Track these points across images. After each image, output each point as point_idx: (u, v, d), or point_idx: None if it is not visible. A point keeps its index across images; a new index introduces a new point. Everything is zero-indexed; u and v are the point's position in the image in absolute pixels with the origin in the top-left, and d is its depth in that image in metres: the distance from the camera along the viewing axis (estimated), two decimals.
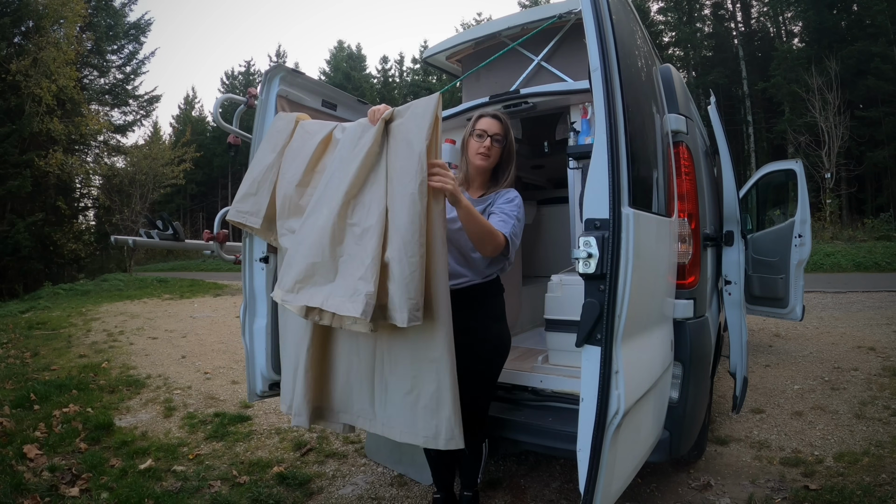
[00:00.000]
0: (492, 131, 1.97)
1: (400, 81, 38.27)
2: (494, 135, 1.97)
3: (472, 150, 2.00)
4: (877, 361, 4.54)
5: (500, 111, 2.05)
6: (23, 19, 17.15)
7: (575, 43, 2.96)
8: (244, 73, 39.91)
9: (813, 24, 21.34)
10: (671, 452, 1.97)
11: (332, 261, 1.80)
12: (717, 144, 2.97)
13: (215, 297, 11.88)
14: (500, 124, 1.98)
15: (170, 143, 25.11)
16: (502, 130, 1.98)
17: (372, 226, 1.75)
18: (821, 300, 8.13)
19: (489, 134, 1.97)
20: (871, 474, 2.49)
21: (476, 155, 1.98)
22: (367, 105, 2.99)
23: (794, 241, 4.43)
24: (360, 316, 1.65)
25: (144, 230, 8.94)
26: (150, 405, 3.97)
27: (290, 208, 2.04)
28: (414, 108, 1.78)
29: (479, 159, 1.98)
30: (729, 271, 2.68)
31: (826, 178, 17.23)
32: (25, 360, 5.45)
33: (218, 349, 6.01)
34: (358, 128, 1.94)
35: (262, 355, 2.47)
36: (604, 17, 1.41)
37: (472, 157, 2.00)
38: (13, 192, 16.54)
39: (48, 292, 12.77)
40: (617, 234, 1.34)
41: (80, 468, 2.77)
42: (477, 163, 1.99)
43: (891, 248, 13.35)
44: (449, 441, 1.77)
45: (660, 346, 1.82)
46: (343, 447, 3.07)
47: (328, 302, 1.75)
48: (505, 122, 2.00)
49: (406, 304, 1.65)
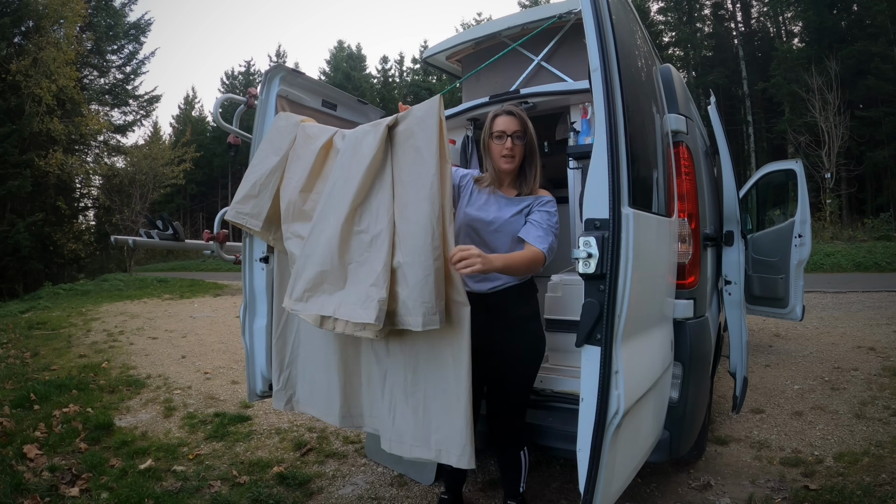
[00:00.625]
0: (511, 130, 1.90)
1: (400, 81, 38.26)
2: (514, 133, 1.90)
3: (495, 153, 1.94)
4: (877, 361, 4.54)
5: (514, 106, 1.97)
6: (23, 19, 17.16)
7: (575, 43, 2.96)
8: (244, 73, 39.89)
9: (813, 24, 21.33)
10: (671, 452, 1.97)
11: (340, 268, 1.81)
12: (717, 144, 2.97)
13: (215, 297, 11.88)
14: (517, 120, 1.92)
15: (170, 143, 25.12)
16: (521, 126, 1.92)
17: (382, 231, 1.75)
18: (821, 300, 8.13)
19: (508, 133, 1.90)
20: (871, 474, 2.49)
21: (500, 158, 1.93)
22: (367, 105, 3.00)
23: (794, 241, 4.43)
24: (373, 322, 1.65)
25: (144, 230, 8.95)
26: (150, 405, 3.97)
27: (295, 213, 2.05)
28: (415, 112, 1.78)
29: (504, 163, 1.93)
30: (729, 271, 2.68)
31: (826, 178, 17.23)
32: (25, 360, 5.45)
33: (218, 349, 6.01)
34: (357, 135, 1.94)
35: (262, 355, 2.47)
36: (604, 17, 1.41)
37: (497, 160, 1.94)
38: (13, 192, 16.55)
39: (48, 292, 12.78)
40: (617, 234, 1.34)
41: (80, 468, 2.76)
42: (503, 167, 1.94)
43: (891, 248, 13.34)
44: (460, 458, 1.76)
45: (660, 346, 1.82)
46: (343, 447, 3.07)
47: (340, 310, 1.76)
48: (521, 117, 1.93)
49: (420, 307, 1.64)
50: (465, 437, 1.75)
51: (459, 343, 1.76)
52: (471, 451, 1.76)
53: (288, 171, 2.12)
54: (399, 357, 1.91)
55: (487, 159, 2.01)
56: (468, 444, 1.75)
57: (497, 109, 1.98)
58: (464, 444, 1.76)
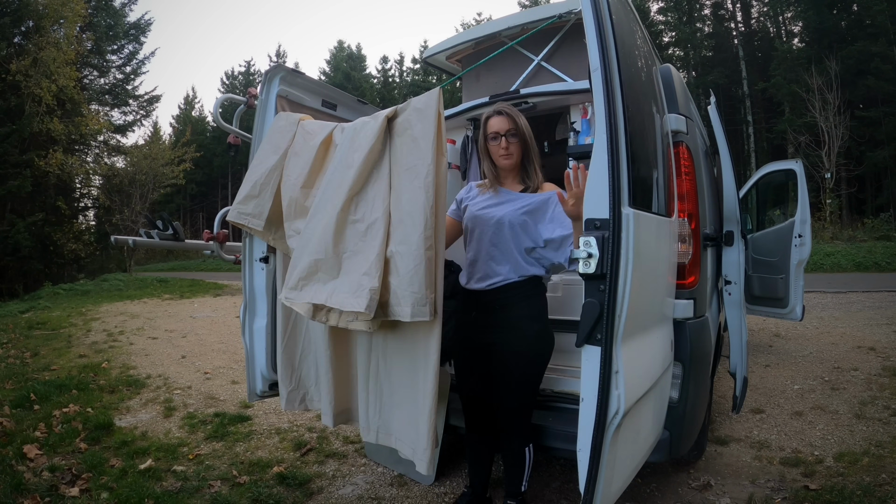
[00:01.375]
0: (504, 129, 1.97)
1: (400, 81, 38.27)
2: (507, 131, 1.96)
3: (494, 153, 2.01)
4: (877, 361, 4.54)
5: (503, 106, 2.02)
6: (23, 19, 17.15)
7: (575, 43, 2.96)
8: (244, 73, 39.91)
9: (813, 24, 21.33)
10: (671, 452, 1.97)
11: (335, 257, 1.81)
12: (717, 144, 2.97)
13: (215, 297, 11.88)
14: (507, 119, 1.97)
15: (170, 143, 25.12)
16: (512, 124, 1.97)
17: (377, 219, 1.75)
18: (821, 300, 8.13)
19: (502, 133, 1.97)
20: (871, 474, 2.49)
21: (499, 157, 2.00)
22: (367, 105, 3.00)
23: (794, 241, 4.43)
24: (364, 311, 1.65)
25: (144, 230, 8.91)
26: (150, 405, 3.96)
27: (297, 210, 2.05)
28: (414, 104, 1.78)
29: (503, 160, 2.00)
30: (729, 271, 2.67)
31: (826, 178, 17.23)
32: (25, 360, 5.45)
33: (218, 349, 6.01)
34: (356, 126, 1.95)
35: (262, 355, 2.47)
36: (604, 17, 1.41)
37: (497, 159, 2.02)
38: (13, 192, 16.55)
39: (48, 292, 12.78)
40: (617, 234, 1.34)
41: (80, 468, 2.76)
42: (503, 164, 2.02)
43: (891, 248, 13.35)
44: (421, 462, 1.77)
45: (660, 346, 1.82)
46: (343, 447, 3.07)
47: (332, 298, 1.75)
48: (511, 114, 1.98)
49: (410, 297, 1.64)
50: (428, 440, 1.76)
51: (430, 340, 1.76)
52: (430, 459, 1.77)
53: (287, 169, 2.12)
54: (387, 350, 1.91)
55: (486, 160, 2.06)
56: (429, 447, 1.76)
57: (489, 111, 2.02)
58: (424, 446, 1.77)
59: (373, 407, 1.97)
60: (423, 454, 1.78)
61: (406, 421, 1.86)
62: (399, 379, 1.90)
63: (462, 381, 2.12)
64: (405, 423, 1.87)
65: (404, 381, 1.87)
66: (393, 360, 1.91)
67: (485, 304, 1.96)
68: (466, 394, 2.12)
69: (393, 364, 1.91)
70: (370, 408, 1.98)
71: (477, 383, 2.06)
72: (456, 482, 2.59)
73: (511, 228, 1.93)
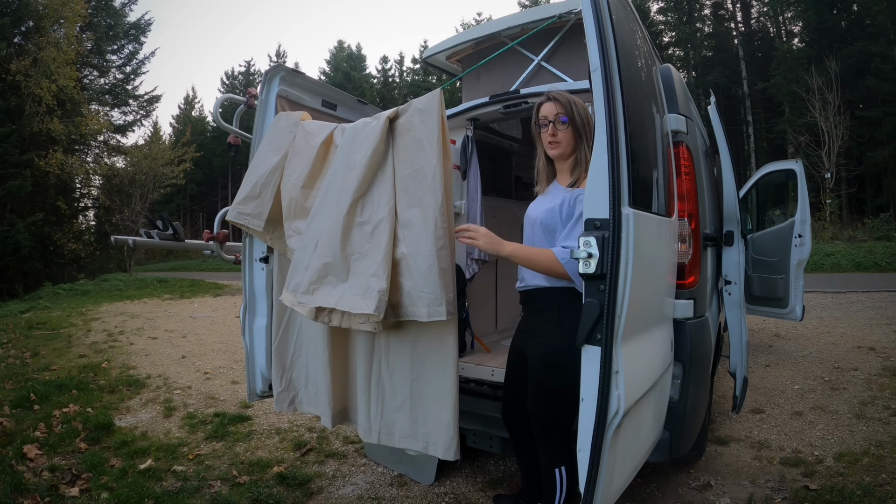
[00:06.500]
0: (552, 115, 1.82)
1: (400, 81, 38.27)
2: (556, 115, 1.81)
3: (543, 142, 1.88)
4: (877, 361, 4.54)
5: (554, 92, 1.89)
6: (23, 19, 17.16)
7: (575, 43, 2.96)
8: (244, 73, 39.92)
9: (813, 24, 21.34)
10: (671, 452, 1.97)
11: (343, 260, 1.81)
12: (717, 144, 2.96)
13: (215, 297, 11.88)
14: (557, 104, 1.82)
15: (170, 143, 25.13)
16: (563, 109, 1.81)
17: (383, 220, 1.76)
18: (821, 300, 8.13)
19: (550, 119, 1.82)
20: (871, 474, 2.49)
21: (547, 146, 1.87)
22: (367, 105, 3.00)
23: (794, 241, 4.43)
24: (373, 312, 1.65)
25: (144, 230, 8.91)
26: (150, 405, 3.96)
27: (297, 210, 2.05)
28: (416, 105, 1.78)
29: (550, 149, 1.86)
30: (729, 271, 2.67)
31: (826, 178, 17.23)
32: (25, 360, 5.45)
33: (218, 349, 6.01)
34: (357, 127, 1.95)
35: (262, 355, 2.47)
36: (604, 17, 1.41)
37: (546, 148, 1.88)
38: (13, 192, 16.56)
39: (48, 292, 12.77)
40: (617, 234, 1.34)
41: (80, 468, 2.76)
42: (550, 153, 1.87)
43: (891, 248, 13.35)
44: (447, 451, 1.78)
45: (660, 346, 1.82)
46: (343, 447, 3.07)
47: (342, 301, 1.76)
48: (563, 100, 1.82)
49: (425, 298, 1.65)
50: (452, 429, 1.78)
51: (446, 338, 1.77)
52: (456, 444, 1.80)
53: (287, 169, 2.12)
54: (390, 351, 1.92)
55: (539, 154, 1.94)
56: (454, 436, 1.79)
57: (540, 98, 1.90)
58: (451, 436, 1.79)
59: (374, 408, 1.97)
60: (449, 443, 1.81)
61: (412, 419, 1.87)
62: (401, 380, 1.90)
63: (504, 380, 2.05)
64: (417, 421, 1.88)
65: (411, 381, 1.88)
66: (396, 361, 1.91)
67: (525, 306, 1.91)
68: (503, 394, 2.04)
69: (396, 366, 1.91)
70: (371, 409, 1.97)
71: (512, 384, 1.97)
72: (456, 482, 2.59)
73: (543, 228, 1.80)
